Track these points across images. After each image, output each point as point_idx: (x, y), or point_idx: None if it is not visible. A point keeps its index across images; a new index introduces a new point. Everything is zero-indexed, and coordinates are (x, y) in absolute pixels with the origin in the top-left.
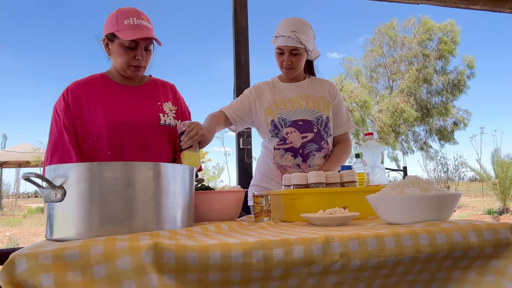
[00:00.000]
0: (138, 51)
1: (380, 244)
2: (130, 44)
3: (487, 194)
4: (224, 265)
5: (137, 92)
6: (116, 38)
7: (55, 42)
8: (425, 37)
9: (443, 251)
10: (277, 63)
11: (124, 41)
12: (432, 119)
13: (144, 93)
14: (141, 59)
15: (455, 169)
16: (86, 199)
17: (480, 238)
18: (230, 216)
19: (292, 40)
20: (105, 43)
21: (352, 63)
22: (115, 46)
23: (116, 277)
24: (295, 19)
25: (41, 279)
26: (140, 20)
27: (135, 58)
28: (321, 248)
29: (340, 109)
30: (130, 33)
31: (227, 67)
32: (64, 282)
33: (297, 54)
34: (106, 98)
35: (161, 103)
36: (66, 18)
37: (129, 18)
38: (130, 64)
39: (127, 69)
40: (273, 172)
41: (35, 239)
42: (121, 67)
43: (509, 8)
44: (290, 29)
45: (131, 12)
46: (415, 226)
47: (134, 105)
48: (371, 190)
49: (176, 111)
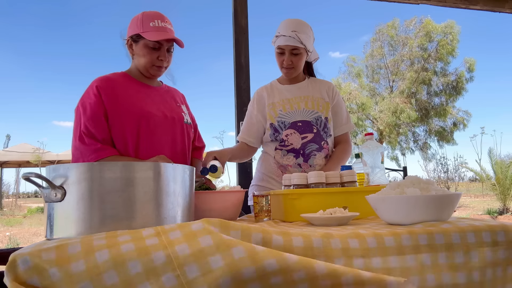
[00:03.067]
0: (162, 52)
1: (380, 243)
2: (154, 45)
3: (487, 194)
4: None
5: (159, 91)
6: (141, 39)
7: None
8: (425, 38)
9: (442, 251)
10: (278, 63)
11: (149, 42)
12: (432, 120)
13: (165, 93)
14: (164, 60)
15: (455, 169)
16: (86, 199)
17: (479, 239)
18: (230, 216)
19: (293, 40)
20: (128, 44)
21: (356, 62)
22: (140, 47)
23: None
24: (295, 20)
25: (49, 273)
26: (164, 23)
27: (158, 59)
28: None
29: (339, 109)
30: (156, 34)
31: (227, 67)
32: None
33: (298, 54)
34: (136, 93)
35: (179, 104)
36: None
37: (154, 20)
38: (153, 64)
39: (150, 68)
40: (274, 172)
41: (35, 239)
42: (144, 66)
43: (509, 8)
44: (291, 29)
45: (156, 15)
46: (415, 226)
47: (162, 101)
48: (371, 190)
49: (188, 115)
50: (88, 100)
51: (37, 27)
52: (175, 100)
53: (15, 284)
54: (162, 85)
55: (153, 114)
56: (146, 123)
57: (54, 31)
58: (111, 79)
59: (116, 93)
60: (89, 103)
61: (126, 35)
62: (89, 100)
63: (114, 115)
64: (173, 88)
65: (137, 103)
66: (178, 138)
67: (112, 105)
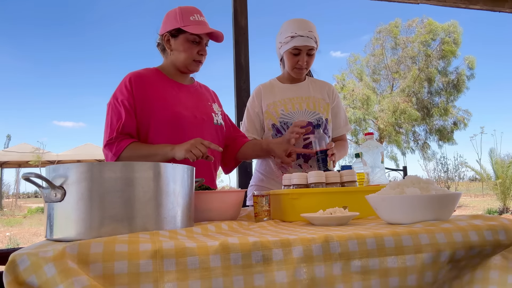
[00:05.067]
0: (202, 46)
1: (380, 244)
2: (195, 38)
3: (487, 194)
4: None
5: (190, 90)
6: (181, 34)
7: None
8: (428, 37)
9: (444, 250)
10: (289, 64)
11: (190, 36)
12: (432, 119)
13: (196, 92)
14: (204, 54)
15: (455, 169)
16: (86, 199)
17: (481, 237)
18: (230, 216)
19: (310, 40)
20: (165, 39)
21: (358, 60)
22: (180, 41)
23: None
24: (306, 20)
25: (45, 270)
26: (202, 17)
27: (198, 53)
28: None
29: (338, 111)
30: (198, 28)
31: (227, 67)
32: (66, 269)
33: (312, 54)
34: (167, 92)
35: (210, 103)
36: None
37: (193, 14)
38: (194, 58)
39: (189, 64)
40: (273, 172)
41: (35, 239)
42: (184, 62)
43: (509, 8)
44: (307, 29)
45: (194, 10)
46: (415, 226)
47: (193, 101)
48: (371, 190)
49: (221, 113)
50: (119, 95)
51: (38, 27)
52: (206, 99)
53: (14, 284)
54: (194, 83)
55: (182, 114)
56: (175, 123)
57: (55, 31)
58: (143, 76)
59: (147, 91)
60: (120, 98)
61: (161, 30)
62: (120, 95)
63: (143, 114)
64: (205, 86)
65: (166, 103)
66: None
67: (143, 102)
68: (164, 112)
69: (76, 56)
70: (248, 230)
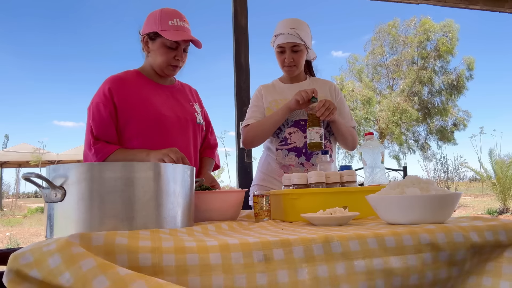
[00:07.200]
0: (178, 51)
1: (381, 244)
2: (172, 44)
3: (487, 194)
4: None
5: (171, 91)
6: (158, 37)
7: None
8: (424, 37)
9: (444, 250)
10: (279, 63)
11: (167, 41)
12: (432, 119)
13: (177, 92)
14: (180, 60)
15: (455, 169)
16: (86, 199)
17: (481, 238)
18: (230, 216)
19: (292, 37)
20: (144, 41)
21: (358, 60)
22: (157, 45)
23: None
24: (293, 19)
25: (49, 262)
26: (182, 22)
27: (174, 58)
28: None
29: (342, 106)
30: (174, 34)
31: (227, 67)
32: (71, 256)
33: (298, 50)
34: (147, 93)
35: (192, 103)
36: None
37: (173, 19)
38: (169, 63)
39: (165, 68)
40: (275, 172)
41: (35, 239)
42: (160, 66)
43: (509, 8)
44: (289, 26)
45: (174, 13)
46: (415, 226)
47: (174, 102)
48: (371, 190)
49: (201, 113)
50: (98, 100)
51: (38, 27)
52: (188, 99)
53: (16, 281)
54: (175, 83)
55: (165, 115)
56: (158, 125)
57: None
58: (123, 79)
59: (128, 94)
60: (98, 103)
61: (142, 31)
62: (98, 100)
63: (125, 117)
64: (186, 85)
65: (149, 105)
66: (190, 139)
67: (124, 106)
68: (146, 114)
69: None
70: (248, 230)
